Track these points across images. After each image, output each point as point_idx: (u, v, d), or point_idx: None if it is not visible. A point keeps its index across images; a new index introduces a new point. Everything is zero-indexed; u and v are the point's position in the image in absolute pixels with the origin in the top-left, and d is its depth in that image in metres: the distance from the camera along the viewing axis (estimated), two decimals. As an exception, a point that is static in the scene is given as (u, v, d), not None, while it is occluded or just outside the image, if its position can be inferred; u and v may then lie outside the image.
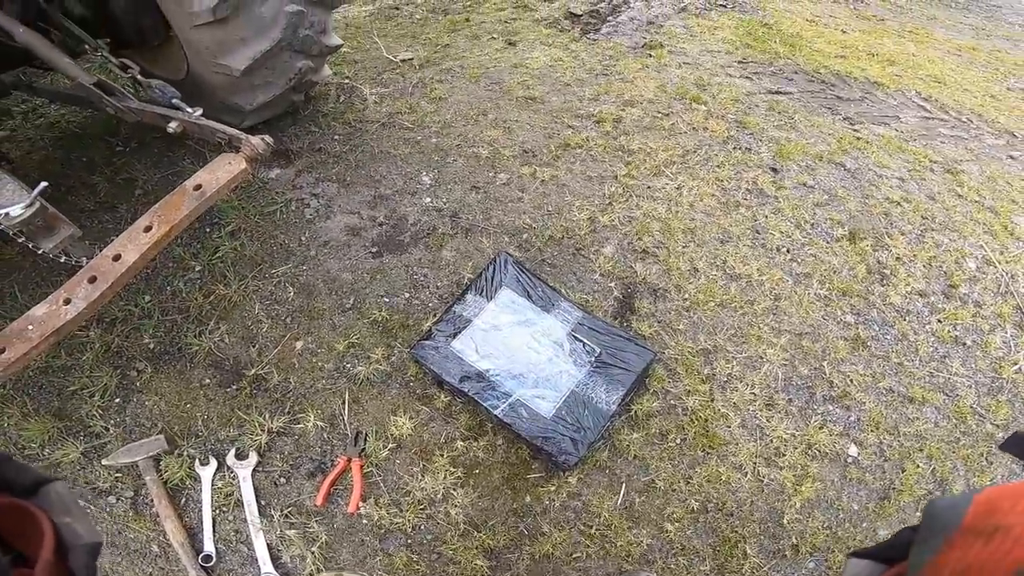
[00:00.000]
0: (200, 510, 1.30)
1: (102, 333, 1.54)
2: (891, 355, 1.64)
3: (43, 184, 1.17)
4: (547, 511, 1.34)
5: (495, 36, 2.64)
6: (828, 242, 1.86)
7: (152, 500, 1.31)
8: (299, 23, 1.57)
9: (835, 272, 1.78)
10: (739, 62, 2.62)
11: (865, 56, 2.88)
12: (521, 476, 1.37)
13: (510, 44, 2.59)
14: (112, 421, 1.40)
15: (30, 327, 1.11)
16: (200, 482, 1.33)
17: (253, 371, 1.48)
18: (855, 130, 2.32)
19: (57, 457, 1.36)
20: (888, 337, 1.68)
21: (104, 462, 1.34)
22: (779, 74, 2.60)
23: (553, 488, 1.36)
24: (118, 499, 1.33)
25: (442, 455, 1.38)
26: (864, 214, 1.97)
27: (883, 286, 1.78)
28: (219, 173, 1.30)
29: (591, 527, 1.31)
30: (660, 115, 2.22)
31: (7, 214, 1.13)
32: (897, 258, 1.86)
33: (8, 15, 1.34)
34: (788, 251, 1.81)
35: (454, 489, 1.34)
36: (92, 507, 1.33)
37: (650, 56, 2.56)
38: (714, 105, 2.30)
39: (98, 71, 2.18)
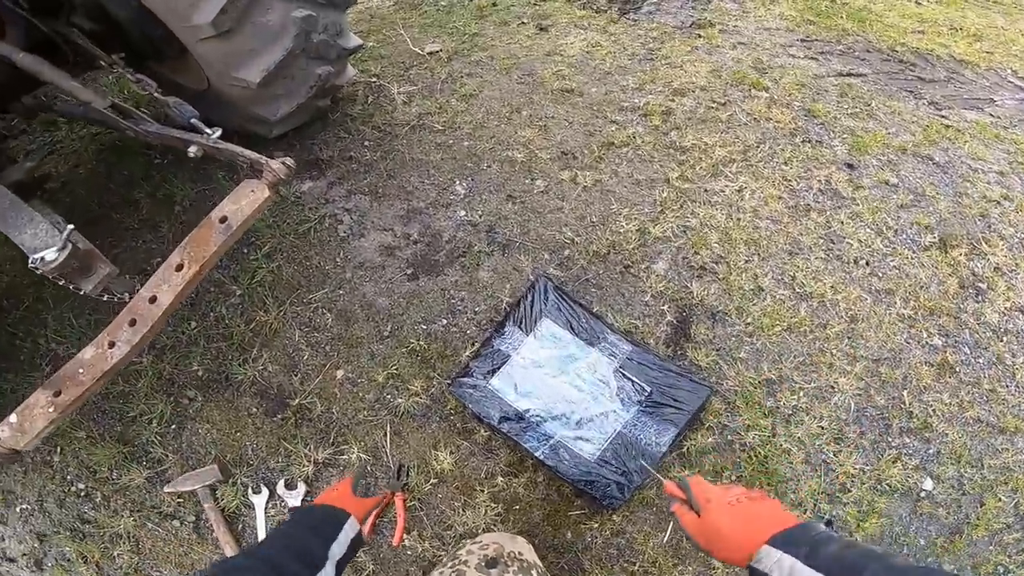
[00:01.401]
0: (256, 536, 1.35)
1: (154, 360, 1.59)
2: (982, 381, 1.46)
3: (70, 227, 1.16)
4: (589, 548, 1.30)
5: (525, 21, 2.44)
6: (914, 251, 1.64)
7: (212, 525, 1.36)
8: (311, 28, 1.46)
9: (922, 287, 1.58)
10: (802, 40, 2.32)
11: (947, 31, 2.49)
12: (563, 513, 1.34)
13: (542, 29, 2.38)
14: (170, 448, 1.46)
15: (80, 371, 1.16)
16: (255, 509, 1.38)
17: (297, 400, 1.49)
18: (943, 116, 2.03)
19: (125, 482, 1.43)
20: (980, 361, 1.49)
21: (166, 489, 1.41)
22: (849, 53, 2.29)
23: (596, 525, 1.31)
24: (182, 523, 1.40)
25: (483, 490, 1.35)
26: (957, 216, 1.73)
27: (978, 302, 1.57)
28: (243, 203, 1.25)
29: (635, 564, 1.29)
30: (716, 105, 2.00)
31: (43, 258, 1.12)
32: (996, 268, 1.63)
33: (9, 43, 1.28)
34: (867, 263, 1.61)
35: (495, 524, 1.32)
36: (159, 529, 1.41)
37: (700, 37, 2.30)
38: (777, 91, 2.05)
39: (117, 88, 2.17)
